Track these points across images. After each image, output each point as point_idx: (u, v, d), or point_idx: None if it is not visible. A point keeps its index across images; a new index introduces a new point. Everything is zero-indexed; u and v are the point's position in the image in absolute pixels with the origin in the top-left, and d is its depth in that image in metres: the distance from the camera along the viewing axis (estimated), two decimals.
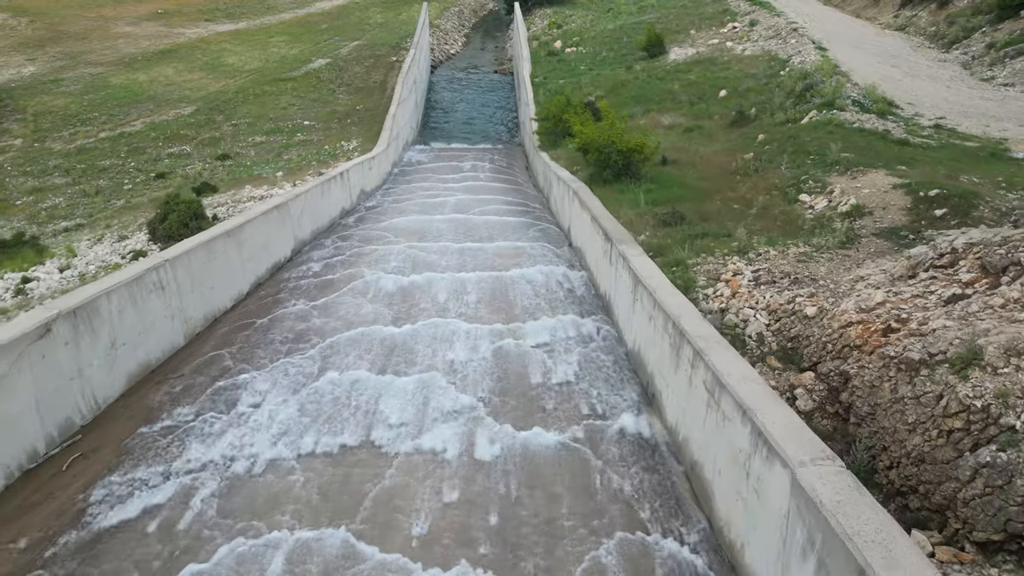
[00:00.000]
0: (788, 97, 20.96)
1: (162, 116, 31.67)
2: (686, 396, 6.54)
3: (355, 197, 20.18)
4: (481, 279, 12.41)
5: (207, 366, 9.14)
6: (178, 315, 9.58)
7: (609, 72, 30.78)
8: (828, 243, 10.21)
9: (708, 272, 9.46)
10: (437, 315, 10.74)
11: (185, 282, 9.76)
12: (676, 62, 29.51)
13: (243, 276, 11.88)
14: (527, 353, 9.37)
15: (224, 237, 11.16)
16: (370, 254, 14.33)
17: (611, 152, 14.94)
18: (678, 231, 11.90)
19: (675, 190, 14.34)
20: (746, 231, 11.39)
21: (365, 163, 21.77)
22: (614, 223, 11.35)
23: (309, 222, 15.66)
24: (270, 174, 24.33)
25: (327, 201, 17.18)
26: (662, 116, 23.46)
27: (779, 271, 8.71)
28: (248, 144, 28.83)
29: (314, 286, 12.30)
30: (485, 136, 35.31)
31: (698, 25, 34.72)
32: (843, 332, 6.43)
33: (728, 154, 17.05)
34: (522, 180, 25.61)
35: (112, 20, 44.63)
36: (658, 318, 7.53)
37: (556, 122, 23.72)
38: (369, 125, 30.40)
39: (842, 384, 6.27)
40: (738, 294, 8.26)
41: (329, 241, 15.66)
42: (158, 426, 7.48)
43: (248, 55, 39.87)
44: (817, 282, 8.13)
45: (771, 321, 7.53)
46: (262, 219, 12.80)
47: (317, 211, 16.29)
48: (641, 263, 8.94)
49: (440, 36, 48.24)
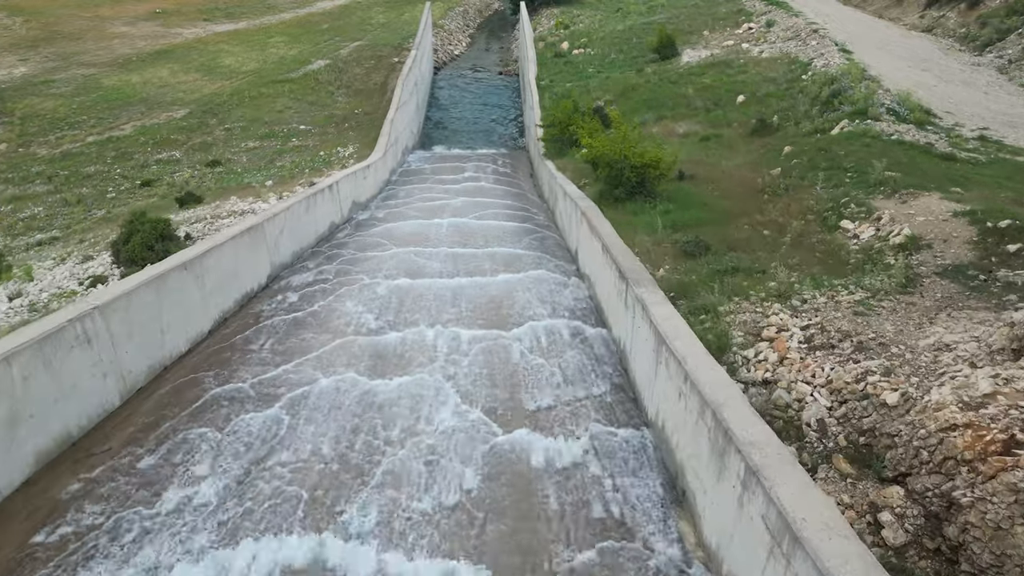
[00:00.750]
0: (813, 104, 19.18)
1: (153, 120, 30.13)
2: (734, 522, 4.86)
3: (346, 210, 18.53)
4: (477, 305, 10.81)
5: (142, 434, 7.52)
6: (111, 371, 7.96)
7: (619, 75, 29.02)
8: (885, 286, 8.49)
9: (746, 325, 7.75)
10: (421, 367, 9.09)
11: (121, 331, 8.13)
12: (689, 65, 27.71)
13: (204, 313, 10.25)
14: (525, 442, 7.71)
15: (180, 270, 9.53)
16: (355, 282, 12.70)
17: (624, 168, 13.23)
18: (703, 264, 10.19)
19: (696, 212, 12.61)
20: (783, 267, 9.68)
21: (358, 173, 20.11)
22: (629, 257, 9.64)
23: (290, 242, 14.01)
24: (260, 183, 22.74)
25: (312, 217, 15.53)
26: (676, 123, 21.71)
27: (835, 328, 7.00)
28: (240, 150, 27.25)
29: (286, 324, 10.67)
30: (489, 140, 33.63)
31: (712, 26, 32.90)
32: (944, 438, 4.75)
33: (752, 168, 15.30)
34: (526, 187, 23.93)
35: (109, 20, 43.13)
36: (691, 398, 5.85)
37: (562, 129, 22.01)
38: (367, 130, 28.77)
39: (946, 511, 4.59)
40: (787, 360, 6.58)
41: (313, 264, 14.00)
42: (56, 535, 5.85)
43: (246, 56, 38.29)
44: (888, 348, 6.44)
45: (834, 403, 5.85)
46: (230, 245, 11.16)
47: (300, 229, 14.65)
48: (664, 315, 7.25)
49: (444, 37, 46.52)
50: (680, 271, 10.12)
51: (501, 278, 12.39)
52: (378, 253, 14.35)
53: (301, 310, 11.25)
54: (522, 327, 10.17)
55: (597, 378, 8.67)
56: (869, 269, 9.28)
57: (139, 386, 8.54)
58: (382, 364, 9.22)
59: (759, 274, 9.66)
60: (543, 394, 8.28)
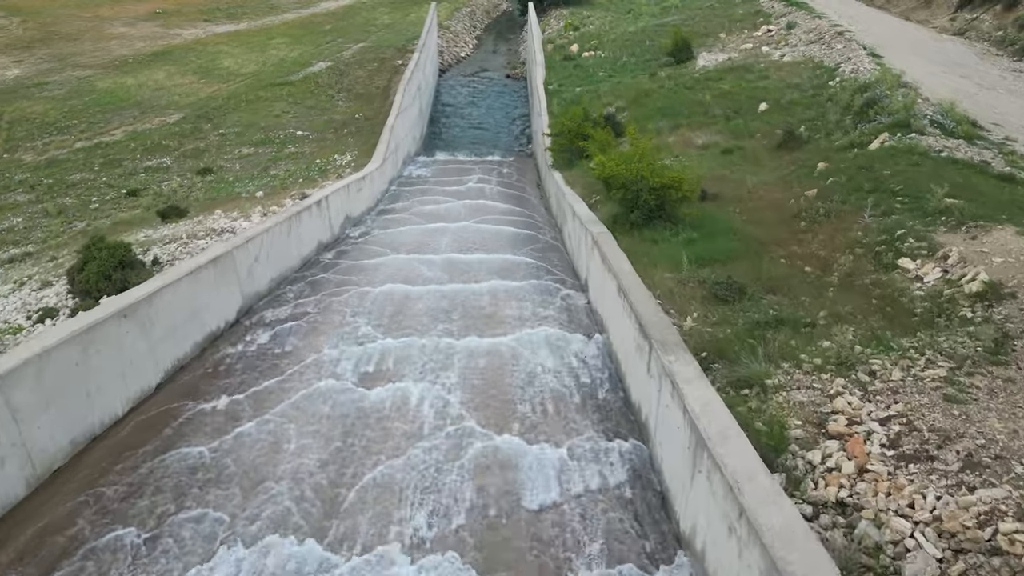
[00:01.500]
0: (845, 113, 17.41)
1: (145, 124, 28.65)
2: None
3: (337, 227, 16.93)
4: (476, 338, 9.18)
5: (45, 539, 5.94)
6: (14, 455, 6.38)
7: (631, 80, 27.26)
8: (970, 351, 6.78)
9: (803, 409, 6.07)
10: (408, 447, 7.46)
11: (32, 402, 6.55)
12: (706, 69, 25.93)
13: (152, 365, 8.65)
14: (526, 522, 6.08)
15: (117, 319, 7.93)
16: (338, 312, 11.09)
17: (641, 190, 11.53)
18: (738, 312, 8.49)
19: (724, 241, 10.89)
20: (836, 319, 7.99)
21: (352, 185, 18.51)
22: (651, 306, 7.96)
23: (269, 268, 12.40)
24: (250, 193, 21.21)
25: (296, 238, 13.94)
26: (694, 133, 19.97)
27: (927, 426, 5.33)
28: (234, 156, 25.72)
29: (251, 375, 9.07)
30: (495, 145, 31.98)
31: (728, 28, 31.08)
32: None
33: (782, 187, 13.57)
34: (533, 199, 22.28)
35: (108, 20, 41.73)
36: (750, 550, 4.19)
37: (572, 138, 20.32)
38: (367, 136, 27.18)
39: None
40: (869, 473, 4.91)
41: (293, 293, 12.37)
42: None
43: (245, 58, 36.78)
44: (1008, 463, 4.77)
45: (948, 552, 4.19)
46: (189, 281, 9.57)
47: (280, 253, 13.05)
48: (702, 400, 5.59)
49: (449, 38, 44.85)
50: (712, 321, 8.43)
51: (504, 323, 10.74)
52: (365, 288, 12.71)
53: (268, 356, 9.65)
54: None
55: (614, 463, 7.00)
56: (944, 325, 7.56)
57: (57, 466, 6.96)
58: (356, 435, 7.60)
59: (807, 328, 7.95)
60: (547, 490, 6.61)
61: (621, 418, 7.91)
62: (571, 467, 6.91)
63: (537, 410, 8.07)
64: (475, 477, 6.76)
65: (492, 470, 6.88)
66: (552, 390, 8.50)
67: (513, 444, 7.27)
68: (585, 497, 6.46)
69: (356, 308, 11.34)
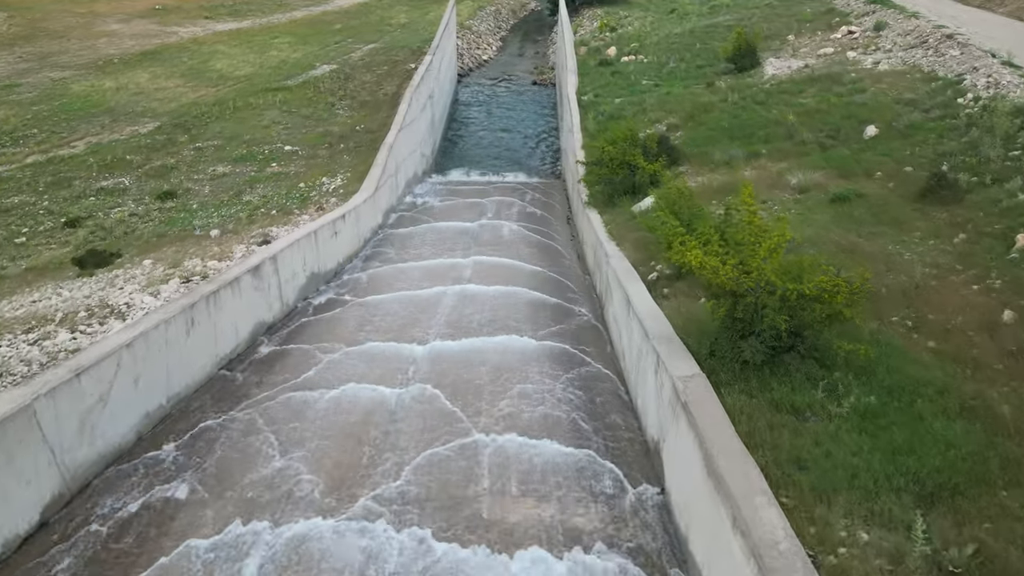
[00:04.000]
0: (1008, 145, 11.92)
1: (113, 135, 23.97)
2: None
3: (292, 295, 11.91)
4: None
5: None
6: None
7: (683, 90, 21.81)
8: None
9: None
10: None
11: None
12: (777, 79, 20.41)
13: None
14: None
15: None
16: (255, 456, 6.10)
17: (766, 305, 6.20)
18: None
19: (931, 424, 5.53)
20: None
21: (323, 230, 13.48)
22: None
23: (129, 410, 7.35)
24: (206, 229, 16.37)
25: (205, 332, 8.91)
26: (778, 165, 14.53)
27: None
28: (206, 177, 20.89)
29: None
30: (517, 163, 26.81)
31: (797, 29, 25.43)
32: None
33: (971, 278, 8.14)
34: (562, 240, 17.07)
35: (102, 17, 37.36)
36: None
37: (615, 168, 15.06)
38: (366, 153, 22.18)
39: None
40: None
41: (169, 455, 7.28)
42: None
43: (242, 59, 32.04)
44: None
45: None
46: None
47: (170, 362, 8.06)
48: None
49: (471, 39, 39.64)
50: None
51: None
52: (312, 393, 7.64)
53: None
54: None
55: None
56: None
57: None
58: None
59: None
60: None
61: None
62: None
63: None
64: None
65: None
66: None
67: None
68: None
69: (288, 443, 6.32)
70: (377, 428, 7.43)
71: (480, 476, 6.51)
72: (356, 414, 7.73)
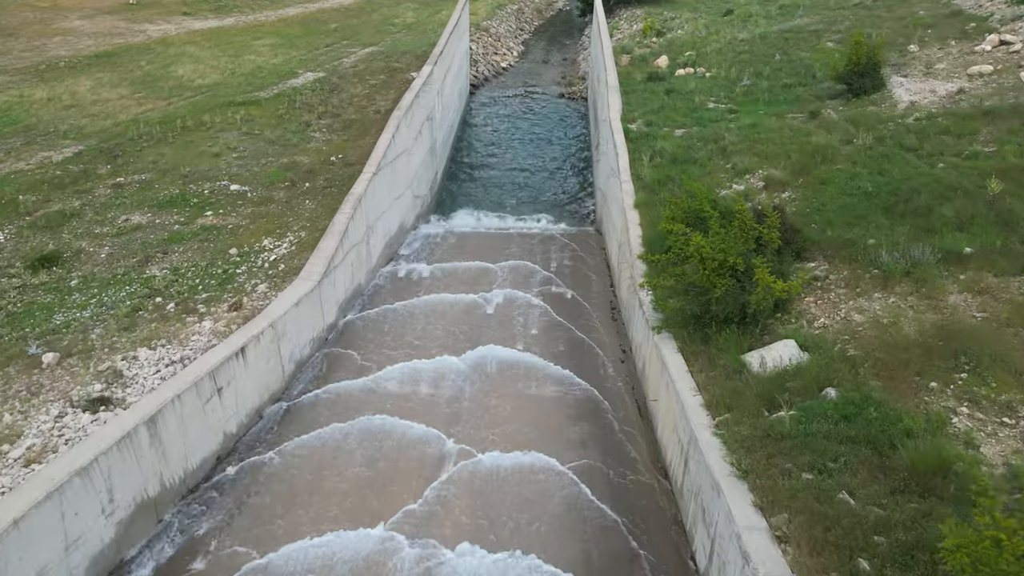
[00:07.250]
0: None
1: (18, 163, 17.87)
2: None
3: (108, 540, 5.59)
4: None
5: None
6: None
7: (775, 121, 15.10)
8: None
9: None
10: None
11: None
12: (923, 109, 13.64)
13: None
14: None
15: None
16: None
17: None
18: None
19: None
20: None
21: (202, 384, 7.11)
22: None
23: None
24: (53, 342, 10.23)
25: None
26: (1009, 284, 7.87)
27: None
28: (111, 230, 14.69)
29: None
30: (538, 203, 20.37)
31: (917, 37, 18.54)
32: None
33: None
34: (604, 356, 10.61)
35: (64, 12, 31.49)
36: None
37: (713, 276, 8.48)
38: (336, 197, 15.94)
39: None
40: None
41: None
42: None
43: (211, 63, 25.88)
44: None
45: None
46: None
47: None
48: None
49: (488, 43, 33.06)
50: None
51: None
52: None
53: None
54: None
55: None
56: None
57: None
58: None
59: None
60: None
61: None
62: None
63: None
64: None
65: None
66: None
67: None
68: None
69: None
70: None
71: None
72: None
